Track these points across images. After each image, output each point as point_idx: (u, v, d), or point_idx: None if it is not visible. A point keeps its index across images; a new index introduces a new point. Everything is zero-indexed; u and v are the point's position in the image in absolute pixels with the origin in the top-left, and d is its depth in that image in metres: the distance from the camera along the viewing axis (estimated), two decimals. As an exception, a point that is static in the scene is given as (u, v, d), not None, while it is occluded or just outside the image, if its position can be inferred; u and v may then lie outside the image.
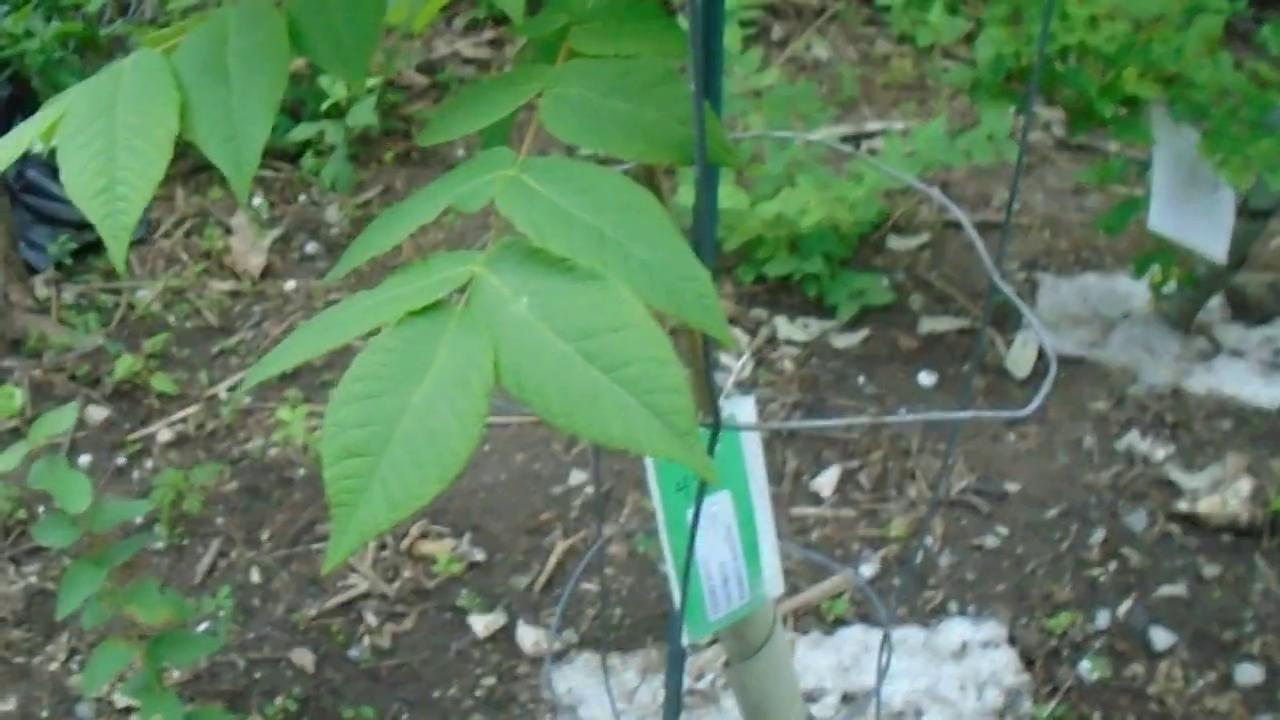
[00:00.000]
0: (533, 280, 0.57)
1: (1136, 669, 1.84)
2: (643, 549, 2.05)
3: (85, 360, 2.47)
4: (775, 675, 1.26)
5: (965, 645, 1.88)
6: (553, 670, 1.88)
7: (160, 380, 2.39)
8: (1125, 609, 1.92)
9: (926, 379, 2.34)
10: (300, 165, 2.97)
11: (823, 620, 1.94)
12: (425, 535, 2.10)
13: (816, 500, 2.14)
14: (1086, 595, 1.95)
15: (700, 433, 0.91)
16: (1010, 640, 1.89)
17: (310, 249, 2.79)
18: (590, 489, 2.16)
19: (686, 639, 1.11)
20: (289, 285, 2.68)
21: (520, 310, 0.56)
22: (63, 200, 2.66)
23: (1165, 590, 1.94)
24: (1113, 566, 1.99)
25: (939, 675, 1.84)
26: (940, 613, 1.94)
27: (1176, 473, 2.12)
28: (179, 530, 2.12)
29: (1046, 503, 2.10)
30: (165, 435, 2.30)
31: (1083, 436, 2.21)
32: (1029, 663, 1.86)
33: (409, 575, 2.03)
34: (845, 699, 1.82)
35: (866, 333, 2.45)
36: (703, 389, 0.97)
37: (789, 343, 2.44)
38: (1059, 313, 2.48)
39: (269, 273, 2.72)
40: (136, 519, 2.09)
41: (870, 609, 1.94)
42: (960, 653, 1.87)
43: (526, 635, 1.94)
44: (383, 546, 2.09)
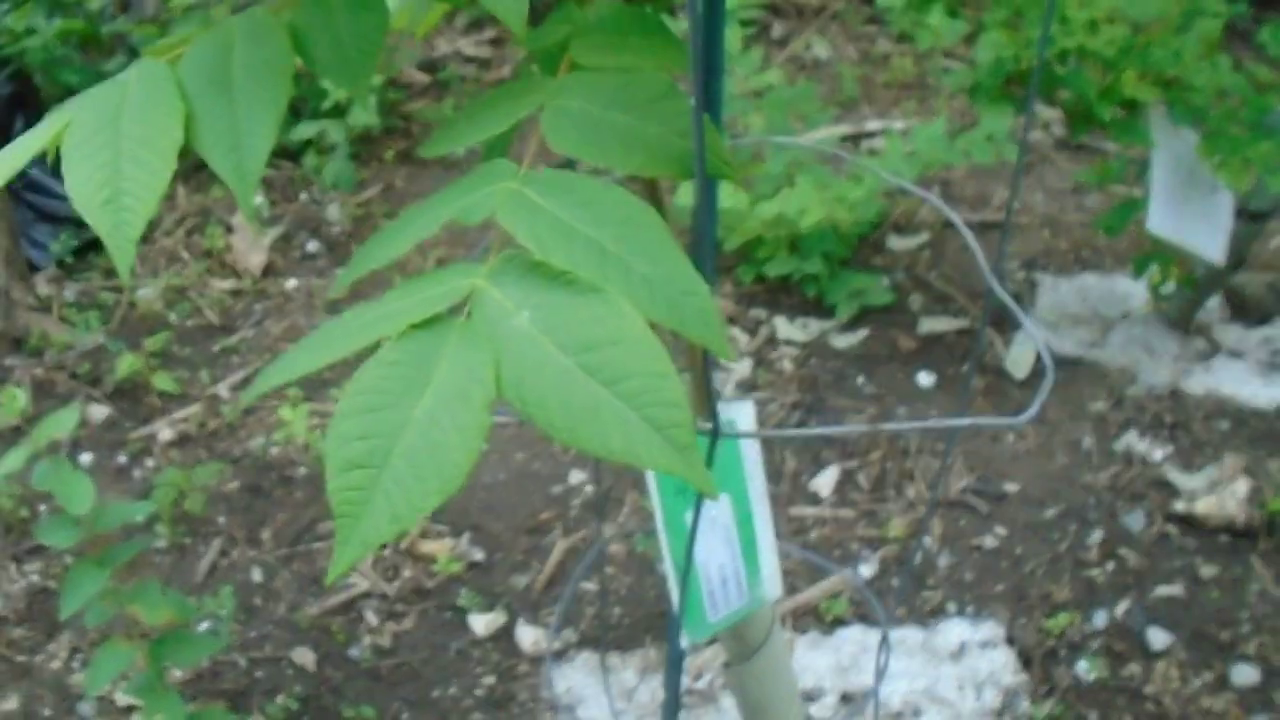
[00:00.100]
0: (534, 293, 0.57)
1: (1133, 669, 1.85)
2: (642, 549, 2.06)
3: (87, 358, 2.48)
4: (774, 676, 1.27)
5: (963, 645, 1.89)
6: (552, 669, 1.89)
7: (161, 379, 2.40)
8: (1123, 609, 1.93)
9: (926, 379, 2.35)
10: (301, 163, 2.98)
11: (821, 620, 1.95)
12: (425, 535, 2.11)
13: (815, 500, 2.14)
14: (1084, 595, 1.96)
15: (699, 439, 0.92)
16: (1008, 640, 1.90)
17: (311, 247, 2.79)
18: (590, 488, 2.17)
19: (685, 640, 1.11)
20: (290, 284, 2.69)
21: (522, 323, 0.56)
22: (64, 198, 2.67)
23: (1162, 591, 1.95)
24: (1110, 567, 2.00)
25: (937, 675, 1.85)
26: (939, 613, 1.95)
27: (1174, 473, 2.12)
28: (180, 529, 2.13)
29: (1045, 503, 2.11)
30: (167, 434, 2.31)
31: (1081, 437, 2.22)
32: (1027, 663, 1.87)
33: (409, 575, 2.04)
34: (844, 699, 1.83)
35: (866, 333, 2.46)
36: (702, 393, 0.97)
37: (788, 343, 2.45)
38: (1058, 313, 2.48)
39: (270, 271, 2.72)
40: (138, 518, 2.09)
41: (869, 609, 1.95)
42: (958, 653, 1.88)
43: (526, 634, 1.95)
44: (383, 546, 2.09)
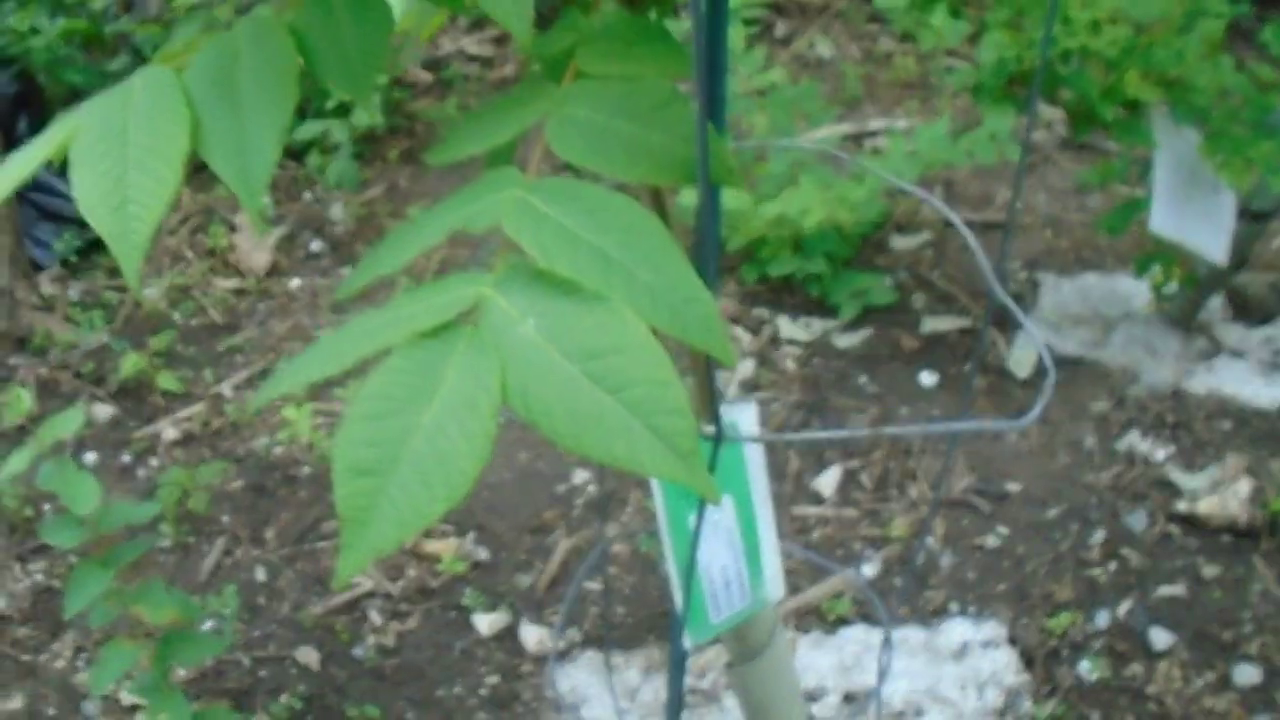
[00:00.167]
0: (539, 301, 0.58)
1: (1136, 669, 1.85)
2: (645, 549, 2.06)
3: (91, 358, 2.48)
4: (776, 676, 1.27)
5: (966, 645, 1.89)
6: (556, 669, 1.90)
7: (165, 378, 2.41)
8: (1125, 609, 1.93)
9: (928, 379, 2.35)
10: (305, 163, 2.98)
11: (824, 620, 1.95)
12: (429, 534, 2.11)
13: (818, 500, 2.15)
14: (1086, 595, 1.96)
15: (702, 443, 0.92)
16: (1011, 640, 1.90)
17: (315, 247, 2.80)
18: (593, 488, 2.17)
19: (688, 641, 1.12)
20: (294, 283, 2.69)
21: (528, 331, 0.57)
22: (68, 197, 2.67)
23: (1164, 591, 1.95)
24: (1112, 567, 2.00)
25: (940, 675, 1.85)
26: (941, 613, 1.95)
27: (1176, 473, 2.13)
28: (184, 528, 2.13)
29: (1047, 503, 2.11)
30: (171, 433, 2.32)
31: (1083, 437, 2.22)
32: (1029, 663, 1.87)
33: (413, 574, 2.04)
34: (846, 698, 1.83)
35: (868, 332, 2.46)
36: (705, 396, 0.98)
37: (791, 342, 2.45)
38: (1061, 312, 2.48)
39: (274, 270, 2.73)
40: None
41: (872, 609, 1.96)
42: (961, 653, 1.88)
43: (530, 634, 1.95)
44: (387, 545, 2.10)
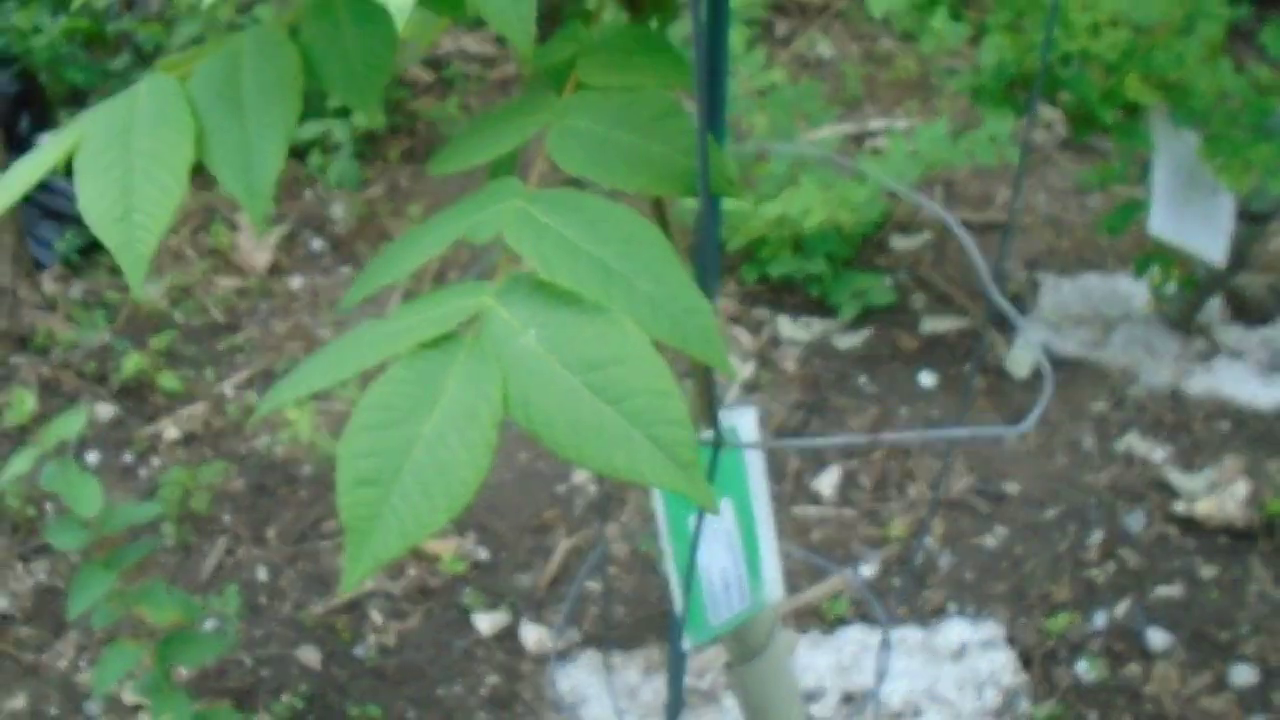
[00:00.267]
0: (541, 312, 0.58)
1: (1133, 670, 1.86)
2: (644, 549, 2.07)
3: (92, 357, 2.49)
4: (775, 677, 1.28)
5: (964, 645, 1.90)
6: (556, 669, 1.90)
7: (167, 378, 2.41)
8: (1123, 610, 1.94)
9: (928, 379, 2.36)
10: (306, 162, 2.99)
11: (823, 620, 1.96)
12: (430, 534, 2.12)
13: (817, 500, 2.15)
14: (1084, 596, 1.97)
15: (702, 451, 0.93)
16: (1009, 640, 1.91)
17: (316, 246, 2.80)
18: (593, 488, 2.18)
19: (687, 643, 1.13)
20: (295, 282, 2.70)
21: (529, 342, 0.57)
22: (71, 196, 2.68)
23: (1162, 591, 1.96)
24: (1110, 567, 2.01)
25: (938, 675, 1.86)
26: (939, 613, 1.96)
27: (1174, 474, 2.13)
28: (186, 528, 2.14)
29: (1045, 504, 2.12)
30: (172, 433, 2.32)
31: (1082, 437, 2.23)
32: (1027, 663, 1.88)
33: (414, 574, 2.05)
34: (845, 699, 1.84)
35: (868, 333, 2.47)
36: (704, 400, 0.98)
37: (791, 342, 2.46)
38: (1061, 313, 2.49)
39: (275, 269, 2.73)
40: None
41: (870, 609, 1.96)
42: (959, 653, 1.89)
43: (530, 634, 1.96)
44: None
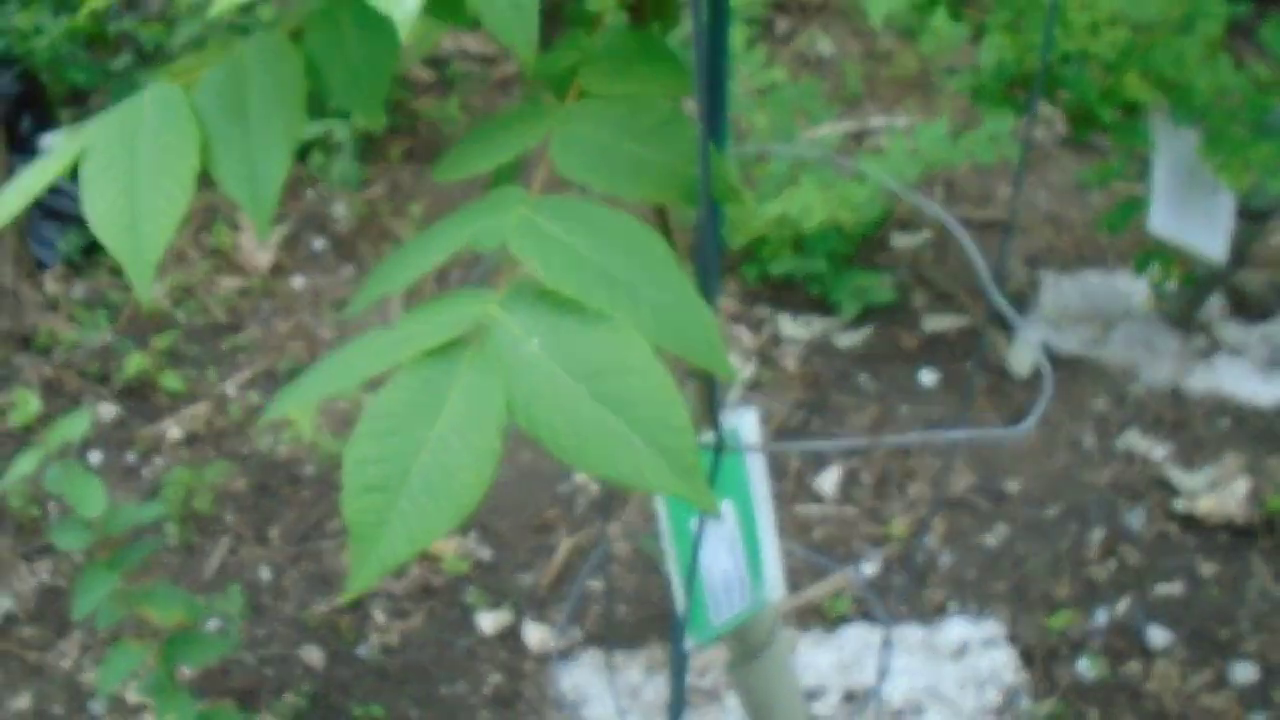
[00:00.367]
0: (544, 320, 0.59)
1: (1134, 667, 1.87)
2: (646, 548, 2.07)
3: (95, 357, 2.50)
4: (777, 676, 1.29)
5: (965, 644, 1.90)
6: (558, 668, 1.91)
7: (169, 378, 2.42)
8: (1123, 608, 1.94)
9: (929, 378, 2.37)
10: (308, 162, 2.99)
11: (824, 618, 1.96)
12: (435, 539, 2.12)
13: (818, 499, 2.16)
14: (1085, 594, 1.97)
15: (703, 453, 0.93)
16: (1010, 639, 1.91)
17: (318, 245, 2.81)
18: (595, 487, 2.19)
19: (689, 643, 1.13)
20: (297, 282, 2.70)
21: (533, 350, 0.58)
22: (72, 196, 2.68)
23: (1163, 589, 1.97)
24: (1111, 565, 2.01)
25: (939, 673, 1.87)
26: (941, 611, 1.97)
27: (1175, 472, 2.14)
28: (189, 528, 2.15)
29: (1046, 502, 2.12)
30: (175, 433, 2.33)
31: (1083, 436, 2.23)
32: (1028, 661, 1.88)
33: (416, 573, 2.06)
34: (847, 697, 1.85)
35: (869, 331, 2.47)
36: (706, 402, 0.99)
37: (792, 341, 2.46)
38: (1061, 311, 2.49)
39: (277, 269, 2.74)
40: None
41: (872, 607, 1.97)
42: (960, 651, 1.89)
43: (532, 633, 1.97)
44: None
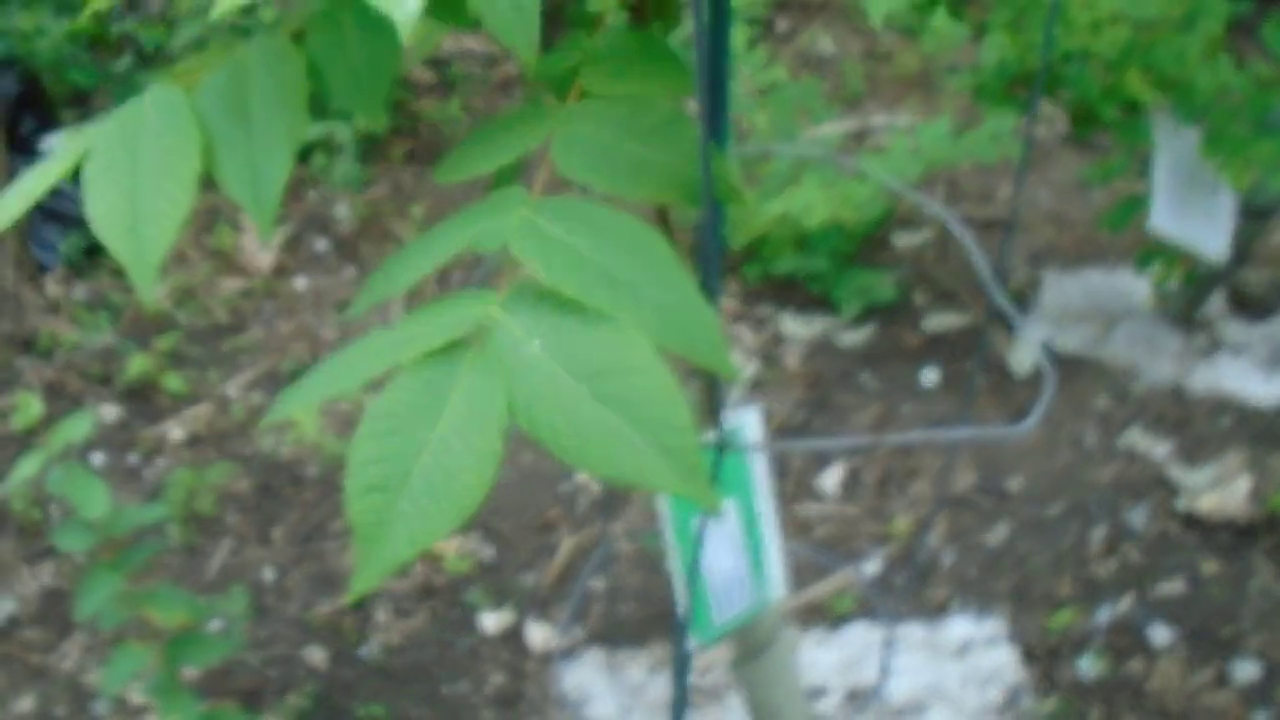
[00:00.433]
0: (546, 321, 0.59)
1: (1136, 666, 1.87)
2: (649, 547, 2.07)
3: (97, 359, 2.50)
4: (779, 674, 1.29)
5: (967, 642, 1.90)
6: (561, 667, 1.91)
7: (171, 379, 2.42)
8: (1125, 606, 1.94)
9: (930, 376, 2.37)
10: (310, 163, 2.99)
11: (827, 617, 1.96)
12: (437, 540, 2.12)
13: (821, 497, 2.16)
14: (1087, 592, 1.97)
15: (705, 452, 0.93)
16: (1012, 637, 1.91)
17: (320, 246, 2.81)
18: (597, 486, 2.19)
19: (692, 642, 1.13)
20: (299, 283, 2.71)
21: (534, 351, 0.58)
22: (73, 198, 2.69)
23: (1164, 587, 1.97)
24: (1113, 564, 2.01)
25: (941, 672, 1.87)
26: (943, 610, 1.97)
27: (1177, 470, 2.14)
28: (191, 529, 2.15)
29: (1048, 500, 2.12)
30: (177, 434, 2.33)
31: (1084, 434, 2.23)
32: (1030, 659, 1.88)
33: (419, 573, 2.06)
34: (849, 695, 1.85)
35: (871, 330, 2.47)
36: (708, 401, 0.99)
37: (794, 340, 2.46)
38: (1063, 309, 2.49)
39: (279, 270, 2.74)
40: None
41: (874, 605, 1.97)
42: (962, 649, 1.90)
43: (535, 632, 1.97)
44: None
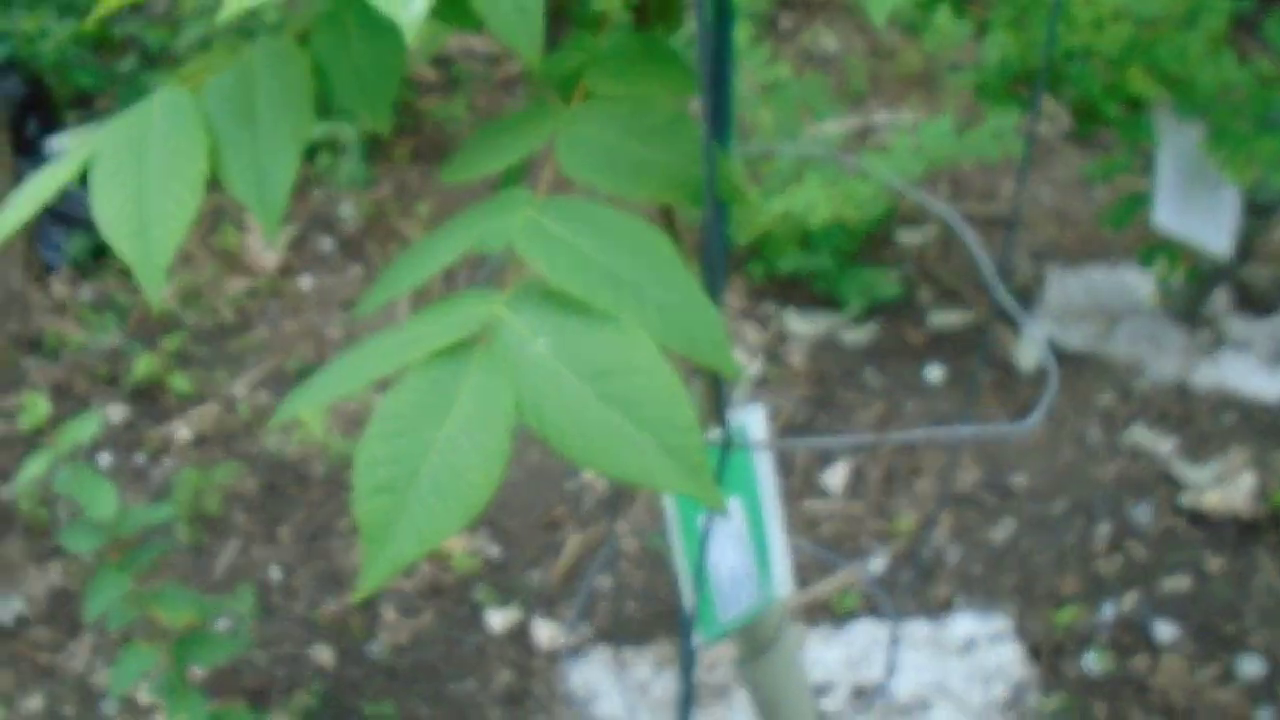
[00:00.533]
0: (551, 321, 0.59)
1: (1140, 662, 1.87)
2: (655, 545, 2.08)
3: (103, 359, 2.51)
4: (785, 672, 1.29)
5: (972, 639, 1.91)
6: (568, 664, 1.92)
7: (178, 379, 2.43)
8: (1130, 602, 1.95)
9: (935, 373, 2.37)
10: (315, 162, 3.00)
11: (832, 614, 1.97)
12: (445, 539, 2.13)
13: (825, 495, 2.16)
14: (1091, 589, 1.98)
15: (710, 450, 0.94)
16: (1016, 634, 1.92)
17: (325, 246, 2.82)
18: (603, 484, 2.19)
19: (698, 640, 1.14)
20: (305, 282, 2.71)
21: (540, 351, 0.58)
22: (79, 200, 2.69)
23: (1169, 584, 1.97)
24: (1117, 560, 2.02)
25: (946, 669, 1.87)
26: (948, 607, 1.97)
27: (1181, 467, 2.14)
28: (199, 528, 2.16)
29: (1052, 497, 2.13)
30: (184, 434, 2.34)
31: (1089, 431, 2.23)
32: (1035, 656, 1.89)
33: (426, 571, 2.07)
34: (855, 692, 1.85)
35: (875, 327, 2.48)
36: (713, 400, 1.00)
37: (798, 338, 2.47)
38: (1066, 306, 2.49)
39: (285, 270, 2.75)
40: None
41: (880, 603, 1.97)
42: (967, 646, 1.90)
43: (542, 630, 1.97)
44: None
